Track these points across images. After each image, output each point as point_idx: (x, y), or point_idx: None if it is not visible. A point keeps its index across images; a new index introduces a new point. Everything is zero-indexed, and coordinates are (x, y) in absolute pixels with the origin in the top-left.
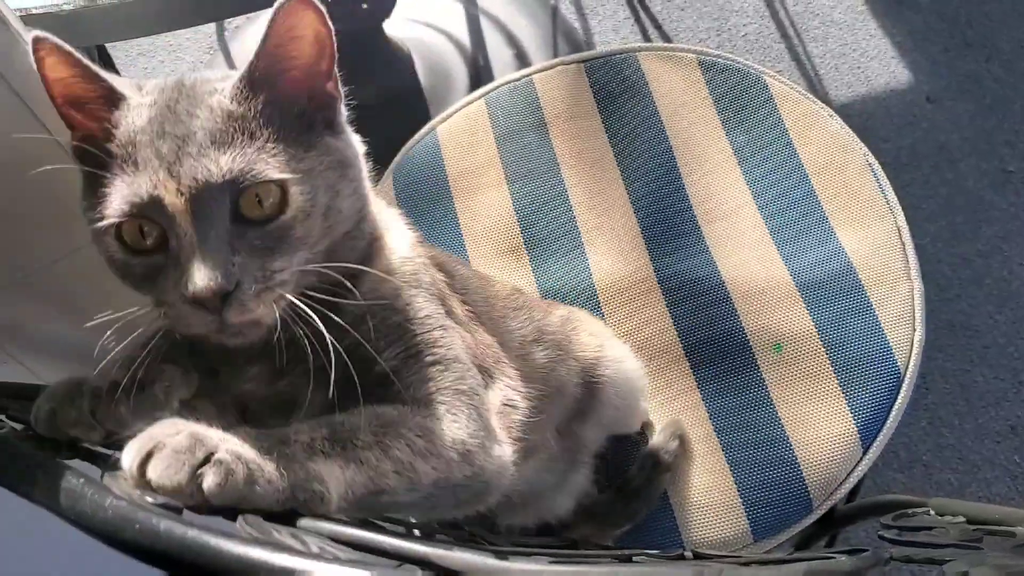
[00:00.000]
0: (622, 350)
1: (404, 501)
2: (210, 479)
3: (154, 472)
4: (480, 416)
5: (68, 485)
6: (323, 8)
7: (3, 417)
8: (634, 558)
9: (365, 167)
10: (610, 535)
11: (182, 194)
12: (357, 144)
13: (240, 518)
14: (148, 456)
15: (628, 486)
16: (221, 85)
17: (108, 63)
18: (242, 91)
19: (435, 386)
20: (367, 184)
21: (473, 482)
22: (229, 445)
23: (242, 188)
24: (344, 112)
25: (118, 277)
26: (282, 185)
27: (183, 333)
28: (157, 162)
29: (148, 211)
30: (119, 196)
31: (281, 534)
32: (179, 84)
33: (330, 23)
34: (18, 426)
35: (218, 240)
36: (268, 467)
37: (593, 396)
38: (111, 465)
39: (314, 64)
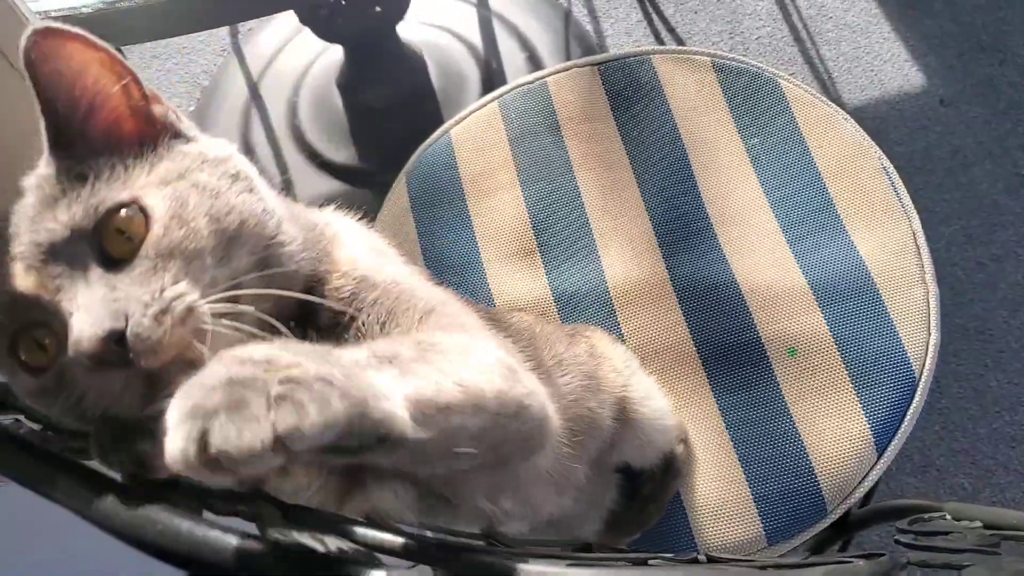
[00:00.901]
0: (648, 386)
1: (476, 428)
2: (286, 420)
3: (222, 440)
4: (498, 348)
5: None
6: (79, 31)
7: (22, 417)
8: (649, 562)
9: (251, 166)
10: (621, 541)
11: (31, 268)
12: (225, 145)
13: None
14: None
15: (640, 492)
16: (38, 163)
17: None
18: (53, 152)
19: (437, 324)
20: (262, 183)
21: (529, 412)
22: (286, 372)
23: (96, 230)
24: (187, 122)
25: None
26: (136, 203)
27: (116, 413)
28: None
29: (14, 316)
30: None
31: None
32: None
33: (98, 42)
34: (36, 426)
35: (89, 289)
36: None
37: (624, 431)
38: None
39: (112, 95)
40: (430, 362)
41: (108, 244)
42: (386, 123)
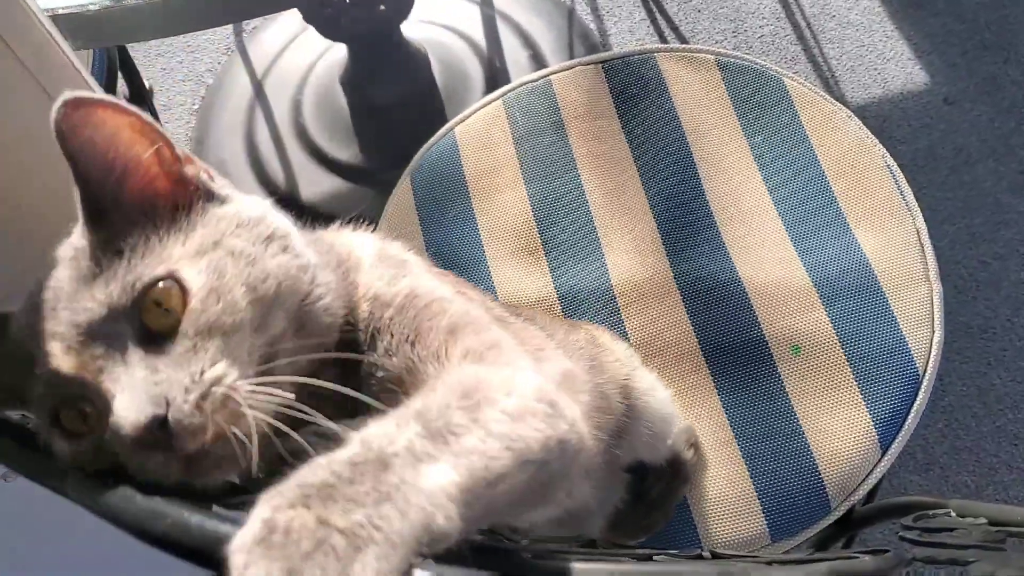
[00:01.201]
0: (652, 379)
1: (520, 484)
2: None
3: None
4: (531, 366)
5: (98, 479)
6: (110, 98)
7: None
8: (654, 557)
9: (285, 219)
10: (624, 543)
11: (71, 349)
12: (258, 203)
13: None
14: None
15: (647, 497)
16: (71, 230)
17: (127, 64)
18: (88, 222)
19: (461, 350)
20: (296, 236)
21: (570, 446)
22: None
23: (134, 306)
24: (220, 180)
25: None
26: (173, 277)
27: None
28: (39, 338)
29: (56, 392)
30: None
31: None
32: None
33: (129, 107)
34: None
35: (128, 371)
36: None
37: (632, 421)
38: None
39: (144, 160)
40: (479, 423)
41: (147, 318)
42: (390, 121)
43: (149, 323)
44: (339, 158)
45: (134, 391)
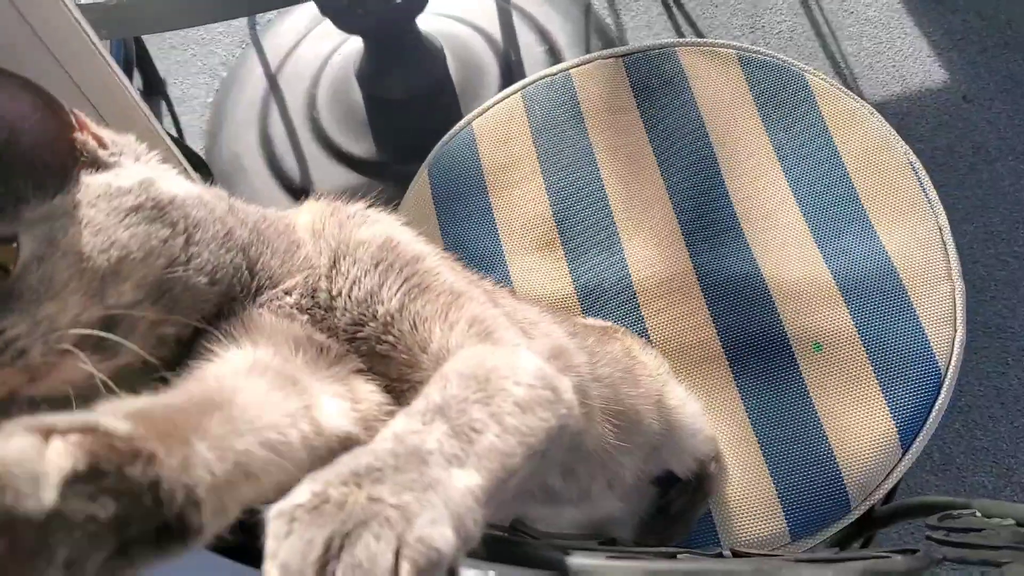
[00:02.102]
0: (682, 392)
1: (525, 475)
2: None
3: None
4: (534, 355)
5: None
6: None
7: None
8: (677, 556)
9: (180, 187)
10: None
11: None
12: (139, 172)
13: None
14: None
15: (668, 509)
16: None
17: (144, 56)
18: None
19: (469, 316)
20: (181, 206)
21: (568, 423)
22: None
23: None
24: (113, 147)
25: None
26: (11, 239)
27: None
28: None
29: None
30: None
31: None
32: None
33: (29, 82)
34: None
35: None
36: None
37: (663, 435)
38: None
39: (38, 123)
40: (495, 416)
41: None
42: (404, 115)
43: None
44: (353, 152)
45: None
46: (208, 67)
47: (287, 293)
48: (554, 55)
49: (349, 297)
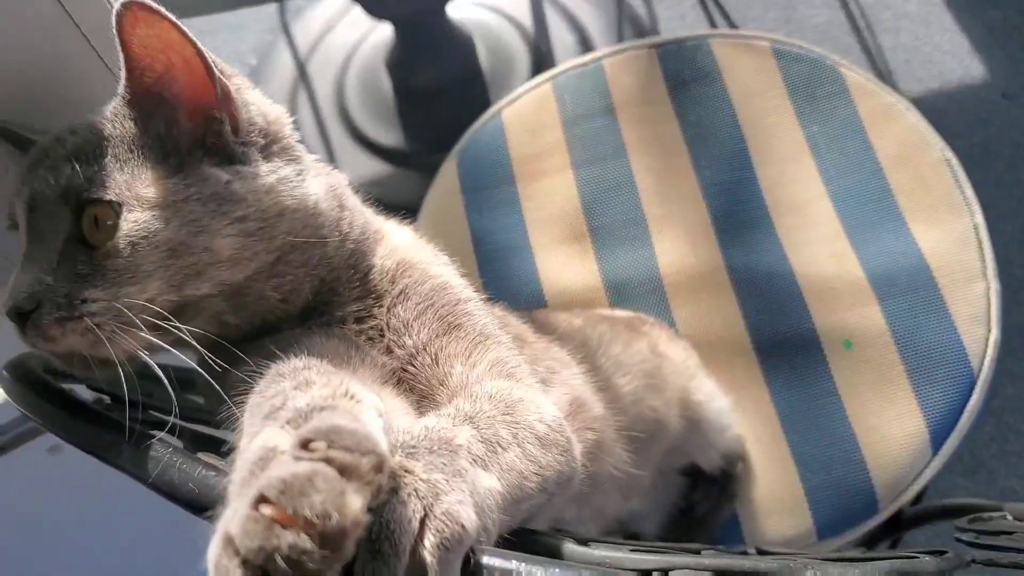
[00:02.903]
0: (711, 387)
1: (533, 508)
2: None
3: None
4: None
5: (156, 455)
6: (164, 12)
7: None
8: (700, 552)
9: (315, 190)
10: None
11: (24, 204)
12: (268, 179)
13: None
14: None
15: (692, 514)
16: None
17: None
18: (119, 110)
19: (492, 358)
20: (295, 214)
21: (572, 478)
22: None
23: (78, 206)
24: (249, 134)
25: None
26: (116, 209)
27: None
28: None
29: (14, 216)
30: None
31: None
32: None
33: (183, 29)
34: (106, 398)
35: (42, 255)
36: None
37: (691, 433)
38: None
39: (187, 78)
40: (518, 440)
41: (84, 221)
42: (433, 105)
43: (84, 226)
44: (381, 141)
45: (22, 279)
46: (237, 54)
47: (358, 320)
48: (586, 45)
49: (388, 325)
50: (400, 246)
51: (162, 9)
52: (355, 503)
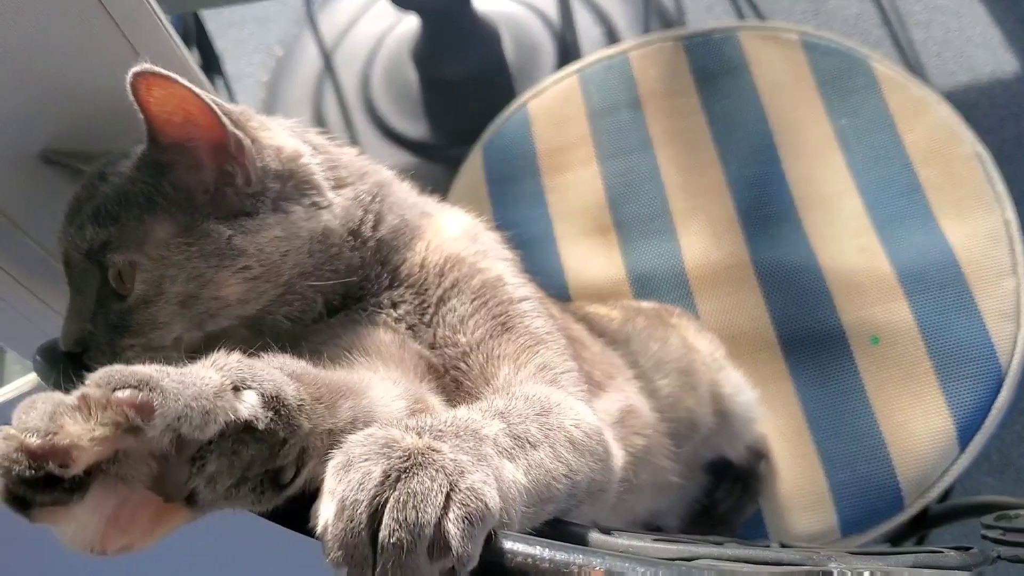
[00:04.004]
0: (737, 379)
1: (556, 511)
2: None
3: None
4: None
5: None
6: (175, 77)
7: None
8: (724, 543)
9: (300, 241)
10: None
11: (62, 260)
12: (275, 232)
13: None
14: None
15: (714, 511)
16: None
17: (202, 34)
18: (143, 164)
19: (540, 362)
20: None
21: (606, 490)
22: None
23: (101, 265)
24: (258, 183)
25: None
26: (134, 267)
27: None
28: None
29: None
30: None
31: None
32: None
33: (195, 89)
34: None
35: (82, 305)
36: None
37: (719, 426)
38: None
39: (206, 122)
40: (550, 440)
41: (111, 275)
42: (459, 97)
43: (111, 279)
44: (406, 133)
45: (68, 327)
46: (264, 45)
47: (393, 305)
48: (612, 36)
49: (443, 320)
50: (449, 238)
51: (173, 74)
52: (70, 425)
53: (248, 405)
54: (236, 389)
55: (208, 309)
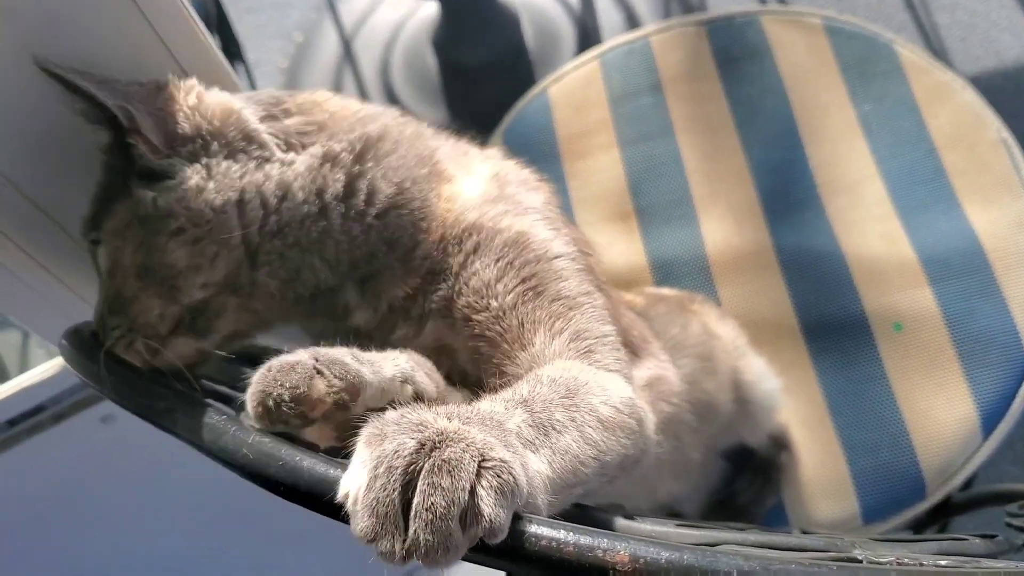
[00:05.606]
0: (760, 366)
1: (581, 493)
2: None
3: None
4: (630, 372)
5: (210, 421)
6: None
7: None
8: (747, 529)
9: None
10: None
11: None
12: (195, 180)
13: None
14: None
15: (734, 502)
16: None
17: (223, 19)
18: (108, 148)
19: (575, 330)
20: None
21: (640, 460)
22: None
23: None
24: (173, 146)
25: None
26: (97, 244)
27: None
28: None
29: None
30: None
31: None
32: None
33: (74, 80)
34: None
35: (100, 290)
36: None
37: (740, 413)
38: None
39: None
40: (577, 423)
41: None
42: (479, 83)
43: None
44: (426, 119)
45: (95, 311)
46: (283, 31)
47: (409, 298)
48: (633, 21)
49: (467, 284)
50: (467, 206)
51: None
52: (319, 385)
53: (408, 395)
54: (403, 383)
55: (165, 278)
